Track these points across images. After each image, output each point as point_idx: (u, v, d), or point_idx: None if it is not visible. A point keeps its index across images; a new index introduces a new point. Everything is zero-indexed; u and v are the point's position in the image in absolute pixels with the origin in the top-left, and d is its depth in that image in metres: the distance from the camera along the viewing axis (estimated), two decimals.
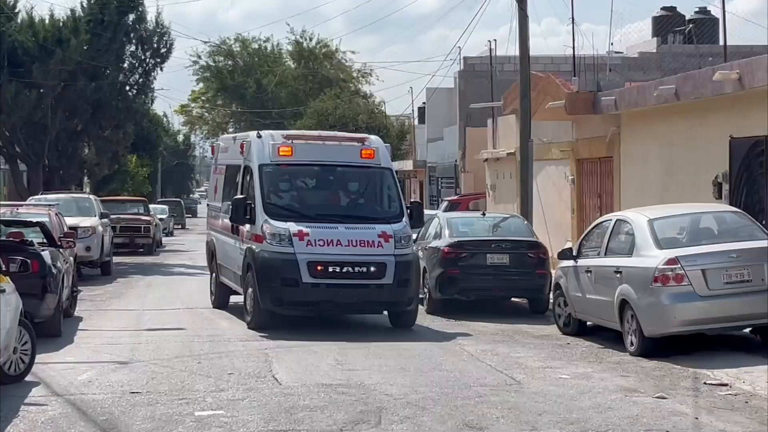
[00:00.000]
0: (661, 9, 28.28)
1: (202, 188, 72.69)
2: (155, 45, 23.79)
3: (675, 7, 28.14)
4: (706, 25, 25.43)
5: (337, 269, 8.88)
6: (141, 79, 23.82)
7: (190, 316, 13.09)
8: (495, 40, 27.84)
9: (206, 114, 47.63)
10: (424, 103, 37.27)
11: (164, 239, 29.09)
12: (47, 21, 21.37)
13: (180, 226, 39.85)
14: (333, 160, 10.16)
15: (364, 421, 5.45)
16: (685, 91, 12.21)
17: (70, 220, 14.57)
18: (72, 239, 12.19)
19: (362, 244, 9.13)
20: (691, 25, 24.98)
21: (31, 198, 17.40)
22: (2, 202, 16.65)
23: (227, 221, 10.76)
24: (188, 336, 10.55)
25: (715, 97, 11.63)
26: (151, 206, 27.21)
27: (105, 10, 21.53)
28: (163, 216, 29.92)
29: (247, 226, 9.55)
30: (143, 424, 5.26)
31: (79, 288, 12.99)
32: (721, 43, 18.03)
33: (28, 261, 8.31)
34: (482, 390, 6.72)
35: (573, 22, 18.68)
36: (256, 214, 9.26)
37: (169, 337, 10.43)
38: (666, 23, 26.79)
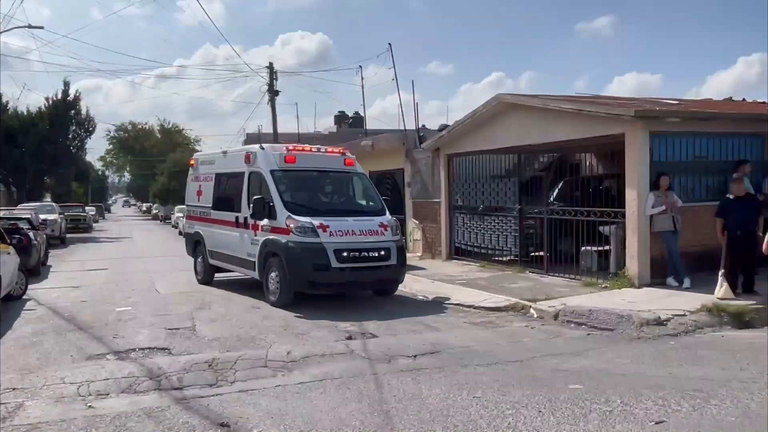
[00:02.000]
0: (338, 111, 55.46)
1: (110, 200, 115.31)
2: (86, 125, 40.99)
3: (344, 111, 54.29)
4: (357, 120, 45.73)
5: (357, 254, 9.37)
6: (78, 143, 41.57)
7: (111, 263, 18.41)
8: (261, 124, 48.26)
9: (114, 160, 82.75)
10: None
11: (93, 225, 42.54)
12: (25, 113, 37.52)
13: (101, 218, 59.62)
14: (326, 166, 10.90)
15: (203, 308, 10.05)
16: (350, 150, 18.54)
17: (42, 216, 22.81)
18: (44, 226, 20.74)
19: (370, 233, 9.70)
20: (351, 119, 51.18)
21: (19, 206, 28.03)
22: (2, 208, 26.72)
23: (226, 217, 11.41)
24: (109, 273, 15.61)
25: (363, 153, 18.09)
26: (85, 207, 44.40)
27: (59, 108, 37.86)
28: (92, 212, 47.23)
29: (265, 221, 9.81)
30: (88, 316, 9.48)
31: (48, 251, 19.30)
32: (368, 128, 33.02)
33: (22, 237, 13.81)
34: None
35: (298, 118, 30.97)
36: (276, 211, 9.57)
37: (100, 273, 15.39)
38: (340, 118, 55.08)
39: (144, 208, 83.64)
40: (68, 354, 7.13)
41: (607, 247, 11.57)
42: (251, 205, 10.00)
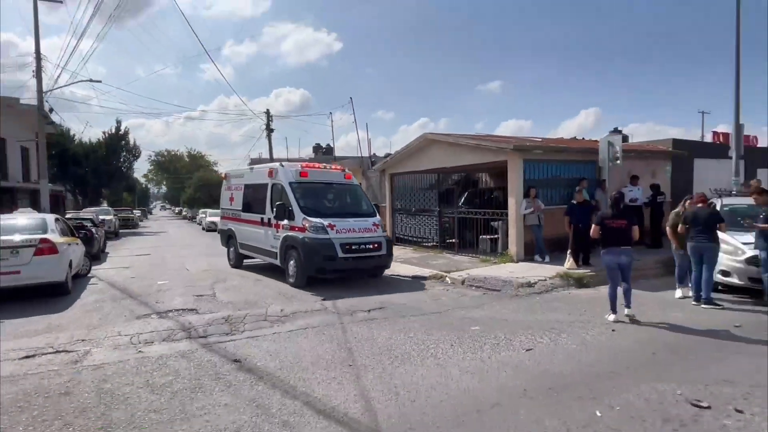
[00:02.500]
0: (315, 143, 45.33)
1: (151, 205, 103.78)
2: (133, 152, 39.19)
3: (319, 143, 44.90)
4: (329, 150, 40.02)
5: (357, 247, 8.69)
6: (127, 165, 39.80)
7: (152, 250, 17.46)
8: (261, 152, 44.80)
9: (153, 177, 74.01)
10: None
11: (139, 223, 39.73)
12: (87, 142, 35.57)
13: (144, 218, 55.20)
14: (331, 180, 10.12)
15: (220, 281, 9.73)
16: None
17: (101, 216, 21.37)
18: (103, 224, 19.16)
19: (366, 231, 9.00)
20: (324, 149, 42.04)
21: (83, 210, 26.33)
22: (70, 211, 24.25)
23: (253, 218, 10.53)
24: (151, 257, 14.76)
25: None
26: (133, 210, 40.81)
27: (113, 139, 36.55)
28: (138, 214, 43.34)
29: (285, 221, 9.08)
30: (136, 288, 9.02)
31: (106, 242, 18.03)
32: (336, 155, 35.69)
33: (87, 232, 12.95)
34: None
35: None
36: (294, 213, 8.92)
37: (144, 258, 14.64)
38: (317, 148, 43.75)
39: (176, 211, 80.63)
40: (122, 315, 6.82)
41: (496, 236, 11.63)
42: (274, 209, 9.28)
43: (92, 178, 34.94)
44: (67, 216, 16.23)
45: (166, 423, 3.43)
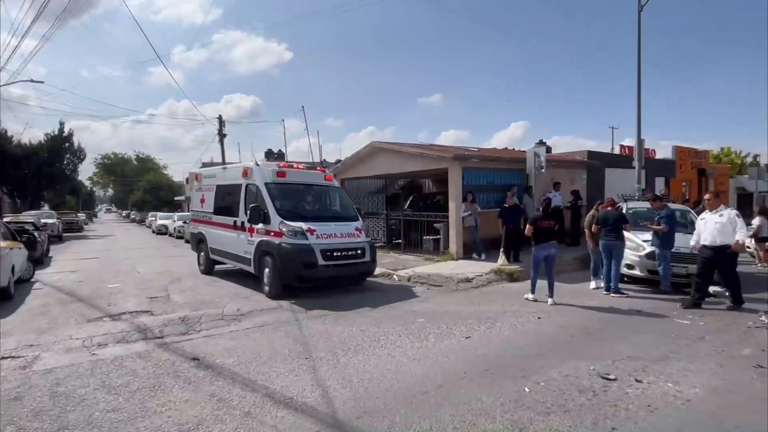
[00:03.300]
0: (267, 149, 39.10)
1: (97, 208, 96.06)
2: (78, 154, 35.47)
3: (271, 149, 38.51)
4: (280, 155, 34.77)
5: (339, 253, 7.57)
6: (72, 167, 35.92)
7: (100, 253, 16.34)
8: (213, 156, 42.63)
9: (99, 180, 71.86)
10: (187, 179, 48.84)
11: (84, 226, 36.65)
12: (27, 144, 32.17)
13: (90, 222, 51.07)
14: (311, 181, 8.84)
15: (174, 282, 9.25)
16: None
17: (43, 220, 19.96)
18: (45, 227, 17.78)
19: (349, 235, 7.88)
20: (276, 155, 35.26)
21: (23, 213, 24.22)
22: (8, 215, 22.15)
23: (225, 221, 9.24)
24: (99, 261, 13.76)
25: None
26: (77, 214, 38.21)
27: (56, 141, 33.07)
28: (83, 217, 40.56)
29: (260, 225, 7.90)
30: (86, 291, 8.31)
31: (50, 246, 16.36)
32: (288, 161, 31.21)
33: (29, 236, 11.67)
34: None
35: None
36: (270, 216, 7.72)
37: (92, 261, 13.63)
38: (268, 154, 36.38)
39: (124, 214, 75.52)
40: (72, 318, 6.36)
41: (438, 237, 11.95)
42: (248, 212, 8.01)
43: (32, 181, 31.71)
44: (6, 219, 14.80)
45: (126, 421, 3.31)
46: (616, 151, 20.85)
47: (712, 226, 6.42)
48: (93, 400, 3.67)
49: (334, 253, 7.58)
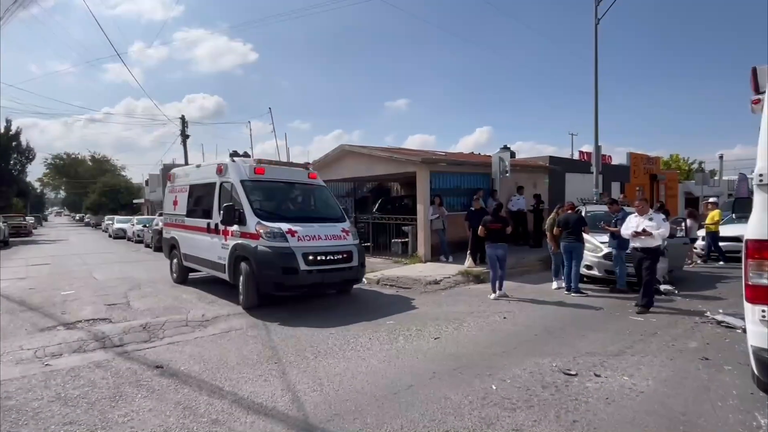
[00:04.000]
0: (232, 151, 43.23)
1: (47, 211, 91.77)
2: (26, 154, 34.25)
3: (236, 151, 43.78)
4: (246, 158, 40.93)
5: (323, 257, 6.82)
6: (19, 168, 34.63)
7: (51, 259, 15.47)
8: (175, 157, 41.56)
9: (50, 181, 67.36)
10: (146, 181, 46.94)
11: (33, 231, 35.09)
12: None
13: (39, 225, 49.14)
14: (293, 179, 8.09)
15: (134, 289, 8.90)
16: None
17: None
18: None
19: (334, 238, 7.16)
20: (242, 157, 42.99)
21: None
22: None
23: (198, 223, 8.43)
24: (51, 267, 13.04)
25: None
26: (25, 217, 36.27)
27: (2, 139, 31.59)
28: (31, 221, 38.52)
29: (235, 227, 7.14)
30: (37, 299, 7.87)
31: None
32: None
33: None
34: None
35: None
36: (246, 217, 6.98)
37: (43, 268, 12.88)
38: (233, 156, 44.17)
39: (77, 218, 71.65)
40: (23, 328, 5.99)
41: (407, 240, 12.08)
42: (222, 212, 7.31)
43: None
44: None
45: None
46: (576, 156, 21.75)
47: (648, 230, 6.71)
48: (48, 413, 3.49)
49: (318, 257, 6.80)
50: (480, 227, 7.82)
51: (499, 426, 3.19)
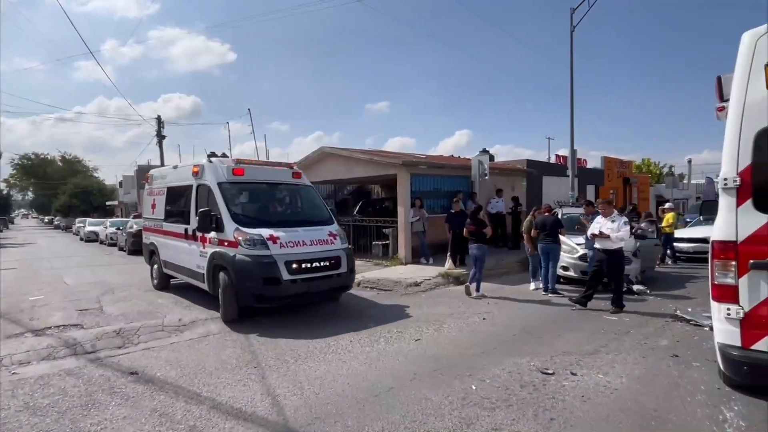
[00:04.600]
0: (210, 152, 44.68)
1: (13, 213, 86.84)
2: None
3: (214, 152, 44.41)
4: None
5: (308, 265, 6.30)
6: None
7: (19, 263, 14.86)
8: (150, 158, 40.24)
9: (17, 182, 63.86)
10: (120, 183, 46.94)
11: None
12: None
13: (5, 228, 47.46)
14: (276, 179, 7.52)
15: (107, 293, 8.66)
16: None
17: None
18: None
19: (320, 243, 6.64)
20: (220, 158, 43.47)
21: None
22: None
23: (176, 229, 7.90)
24: (19, 271, 12.54)
25: None
26: None
27: None
28: None
29: (213, 234, 6.61)
30: (5, 305, 7.58)
31: None
32: None
33: None
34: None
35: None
36: (224, 223, 6.45)
37: (9, 272, 12.28)
38: (211, 156, 44.25)
39: (47, 220, 69.08)
40: None
41: (387, 242, 12.09)
42: (197, 218, 6.74)
43: None
44: None
45: None
46: (553, 160, 22.23)
47: (607, 232, 6.82)
48: (15, 423, 3.35)
49: (303, 265, 6.27)
50: (465, 229, 8.30)
51: (478, 425, 3.23)
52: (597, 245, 6.96)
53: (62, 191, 52.48)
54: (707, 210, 3.13)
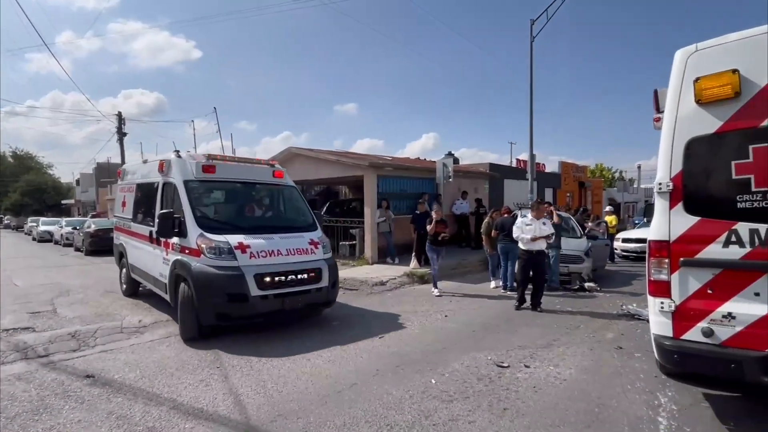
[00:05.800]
0: (175, 150, 45.87)
1: None
2: None
3: (179, 150, 46.06)
4: None
5: (282, 278, 5.43)
6: None
7: None
8: (110, 156, 39.41)
9: None
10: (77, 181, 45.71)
11: None
12: None
13: None
14: (252, 178, 6.57)
15: (62, 295, 8.28)
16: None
17: None
18: None
19: (298, 252, 5.76)
20: None
21: None
22: None
23: (142, 230, 6.98)
24: None
25: None
26: None
27: None
28: None
29: (175, 239, 5.69)
30: None
31: None
32: None
33: None
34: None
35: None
36: (187, 227, 5.54)
37: None
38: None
39: None
40: None
41: (354, 242, 12.09)
42: (157, 221, 5.80)
43: None
44: None
45: None
46: (514, 164, 22.92)
47: (539, 233, 7.06)
48: None
49: (276, 279, 5.39)
50: (428, 227, 8.32)
51: (436, 417, 3.33)
52: (522, 246, 7.08)
53: (13, 189, 49.37)
54: (650, 212, 3.36)
